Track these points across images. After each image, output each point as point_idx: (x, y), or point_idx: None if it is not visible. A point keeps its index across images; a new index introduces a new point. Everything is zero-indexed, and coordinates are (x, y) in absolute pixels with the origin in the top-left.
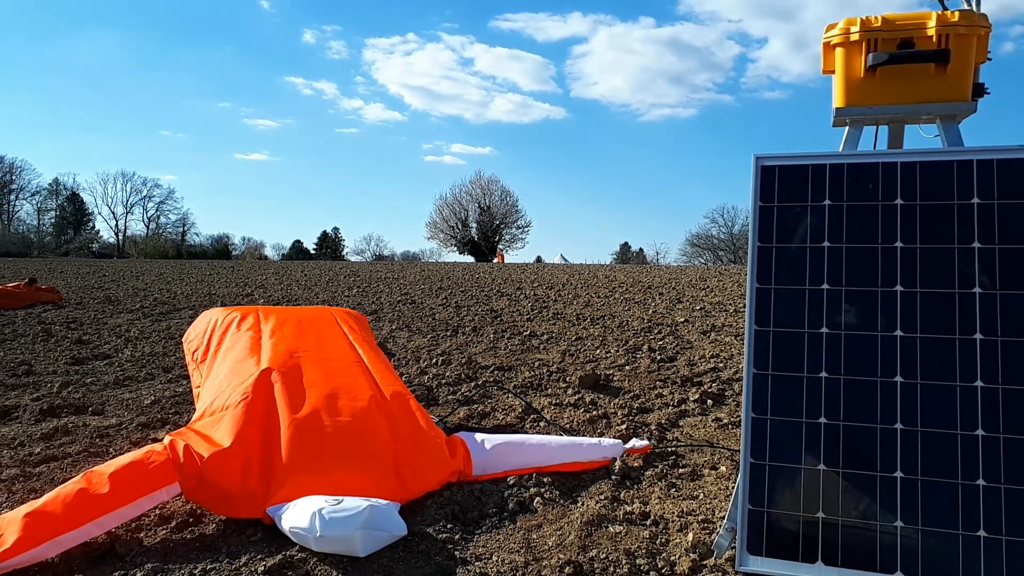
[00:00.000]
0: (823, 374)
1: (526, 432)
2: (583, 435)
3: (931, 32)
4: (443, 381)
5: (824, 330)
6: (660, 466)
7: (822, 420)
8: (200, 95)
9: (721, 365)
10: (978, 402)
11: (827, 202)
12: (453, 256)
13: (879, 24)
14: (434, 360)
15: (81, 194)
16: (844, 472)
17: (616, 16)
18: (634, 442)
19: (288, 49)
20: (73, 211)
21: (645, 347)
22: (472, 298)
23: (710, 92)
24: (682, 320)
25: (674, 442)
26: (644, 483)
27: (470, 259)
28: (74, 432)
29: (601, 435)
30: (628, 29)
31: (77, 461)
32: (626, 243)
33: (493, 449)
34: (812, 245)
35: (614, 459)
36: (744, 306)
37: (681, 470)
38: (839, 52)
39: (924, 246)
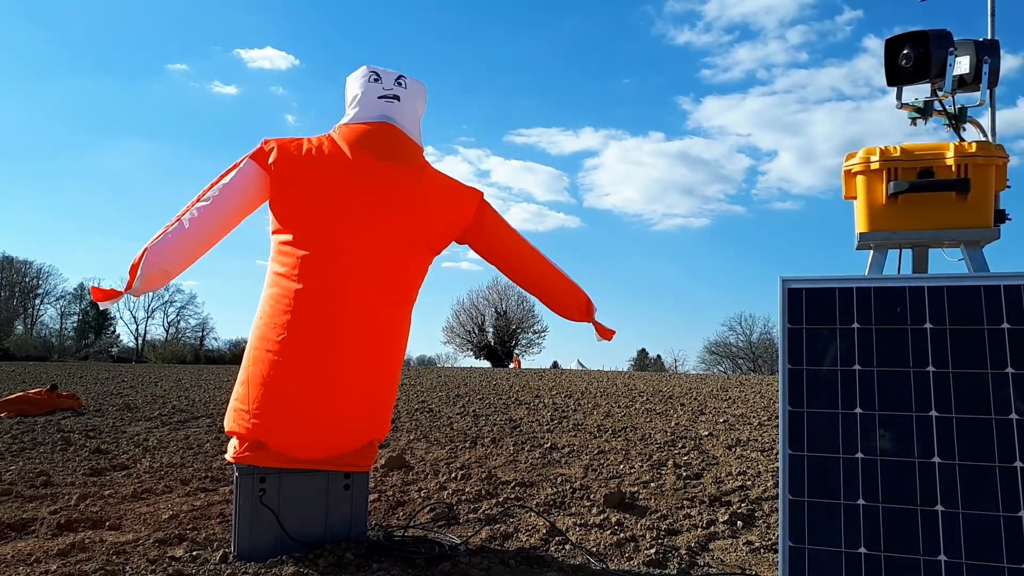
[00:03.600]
0: (860, 501)
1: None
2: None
3: (950, 162)
4: (463, 497)
5: (860, 455)
6: None
7: (862, 550)
8: None
9: (749, 483)
10: (1023, 534)
11: (856, 325)
12: (469, 360)
13: (899, 154)
14: (453, 474)
15: None
16: None
17: (627, 131)
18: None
19: None
20: (96, 315)
21: (670, 462)
22: (490, 406)
23: (722, 203)
24: (706, 433)
25: (706, 567)
26: None
27: (487, 364)
28: (91, 548)
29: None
30: (638, 143)
31: None
32: (643, 349)
33: None
34: (843, 368)
35: None
36: (768, 419)
37: None
38: (860, 180)
39: (957, 371)
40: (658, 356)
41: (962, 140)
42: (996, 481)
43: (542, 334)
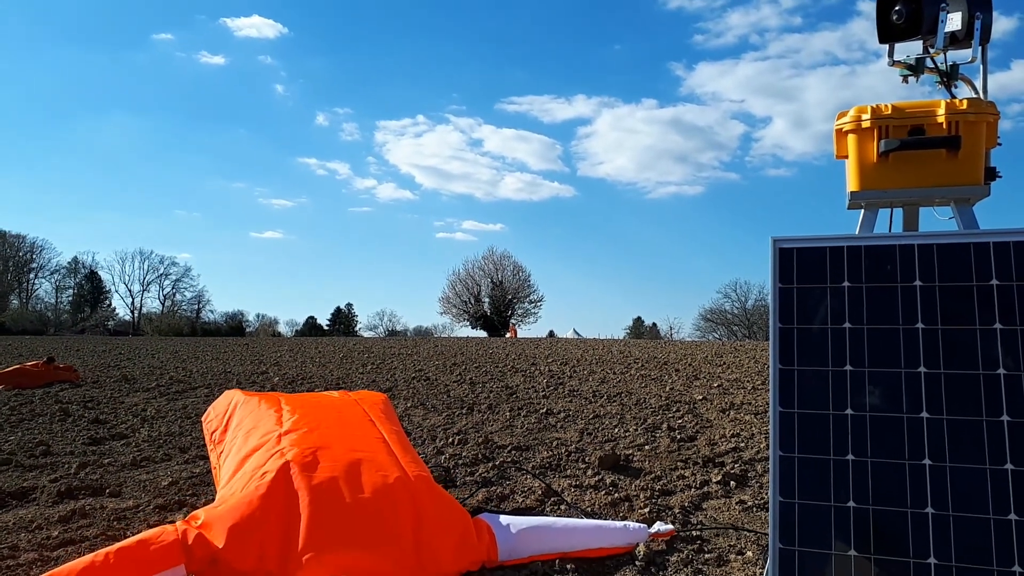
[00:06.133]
0: (850, 457)
1: (548, 515)
2: (605, 519)
3: (941, 119)
4: (460, 462)
5: (849, 412)
6: (685, 551)
7: (851, 504)
8: (216, 176)
9: (742, 445)
10: (1009, 486)
11: (846, 284)
12: (466, 331)
13: (890, 112)
14: (450, 439)
15: (99, 272)
16: (876, 558)
17: (619, 98)
18: (659, 526)
19: (302, 131)
20: (91, 289)
21: (664, 426)
22: (487, 374)
23: (716, 170)
24: (700, 398)
25: (699, 526)
26: (669, 569)
27: (483, 334)
28: (92, 515)
29: (624, 519)
30: (631, 110)
31: (95, 545)
32: (639, 318)
33: (519, 533)
34: (833, 326)
35: (638, 544)
36: (761, 383)
37: (707, 555)
38: (851, 138)
39: (945, 327)
40: (654, 324)
41: (954, 97)
42: (983, 435)
43: (538, 304)
